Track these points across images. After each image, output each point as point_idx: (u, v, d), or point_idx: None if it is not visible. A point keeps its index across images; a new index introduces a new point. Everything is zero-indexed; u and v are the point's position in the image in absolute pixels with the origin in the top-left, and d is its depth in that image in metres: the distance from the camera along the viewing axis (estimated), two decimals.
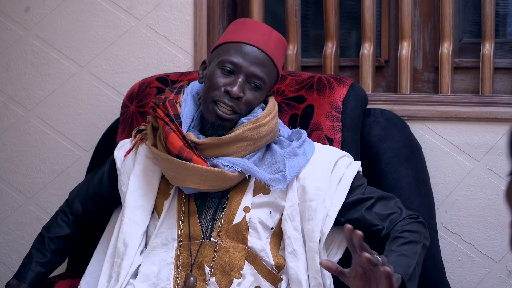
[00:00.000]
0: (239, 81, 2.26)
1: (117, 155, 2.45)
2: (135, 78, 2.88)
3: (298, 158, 2.29)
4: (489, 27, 2.69)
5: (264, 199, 2.29)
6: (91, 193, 2.51)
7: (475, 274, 2.67)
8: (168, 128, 2.28)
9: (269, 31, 2.33)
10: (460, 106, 2.67)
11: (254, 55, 2.28)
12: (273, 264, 2.28)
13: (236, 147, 2.27)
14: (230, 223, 2.27)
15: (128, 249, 2.33)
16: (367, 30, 2.77)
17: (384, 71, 2.86)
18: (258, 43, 2.29)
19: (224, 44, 2.32)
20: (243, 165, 2.26)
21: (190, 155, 2.25)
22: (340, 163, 2.33)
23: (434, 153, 2.68)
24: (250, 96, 2.28)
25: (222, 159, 2.27)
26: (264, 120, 2.28)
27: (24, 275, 2.46)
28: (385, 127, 2.57)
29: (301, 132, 2.34)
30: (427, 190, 2.59)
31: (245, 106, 2.28)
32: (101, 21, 2.92)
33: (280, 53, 2.34)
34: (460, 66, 2.79)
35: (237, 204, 2.28)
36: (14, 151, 3.00)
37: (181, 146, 2.25)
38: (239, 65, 2.27)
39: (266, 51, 2.29)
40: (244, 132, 2.27)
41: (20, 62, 2.98)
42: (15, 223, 3.01)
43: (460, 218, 2.67)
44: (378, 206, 2.31)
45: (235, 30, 2.33)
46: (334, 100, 2.51)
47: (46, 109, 2.97)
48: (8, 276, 2.99)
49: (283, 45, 2.36)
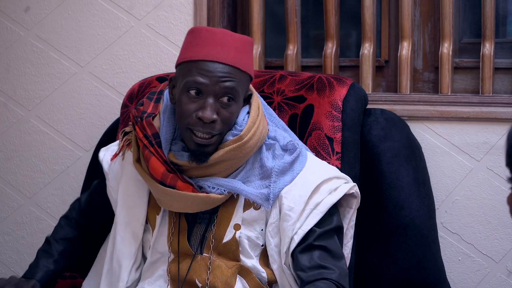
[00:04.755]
0: (209, 103, 2.13)
1: (103, 157, 2.38)
2: (135, 78, 2.88)
3: (286, 176, 2.22)
4: (489, 27, 2.69)
5: (254, 214, 2.23)
6: (87, 200, 2.47)
7: (475, 274, 2.67)
8: (148, 152, 2.18)
9: (227, 37, 2.18)
10: (460, 106, 2.67)
11: (218, 71, 2.13)
12: (267, 280, 2.24)
13: (221, 167, 2.20)
14: (220, 241, 2.22)
15: (122, 270, 2.29)
16: (367, 30, 2.77)
17: (384, 71, 2.87)
18: (218, 56, 2.14)
19: (184, 63, 2.18)
20: (230, 186, 2.19)
21: (173, 181, 2.17)
22: (324, 188, 2.23)
23: (434, 153, 2.68)
24: (225, 114, 2.15)
25: (208, 181, 2.19)
26: (247, 136, 2.18)
27: (32, 274, 2.39)
28: (385, 127, 2.57)
29: (296, 147, 2.26)
30: (427, 190, 2.59)
31: (223, 124, 2.16)
32: (101, 21, 2.92)
33: (244, 55, 2.19)
34: (460, 66, 2.79)
35: (227, 222, 2.22)
36: (14, 151, 3.00)
37: (163, 172, 2.17)
38: (204, 86, 2.13)
39: (228, 63, 2.14)
40: (227, 153, 2.17)
41: (20, 62, 2.98)
42: (15, 223, 3.01)
43: (460, 218, 2.67)
44: (318, 254, 2.19)
45: (192, 45, 2.18)
46: (334, 100, 2.51)
47: (46, 109, 2.97)
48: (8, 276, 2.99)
49: (246, 44, 2.21)
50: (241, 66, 2.16)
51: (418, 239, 2.52)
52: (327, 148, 2.47)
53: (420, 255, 2.52)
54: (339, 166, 2.45)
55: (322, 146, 2.47)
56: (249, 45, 2.22)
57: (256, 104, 2.25)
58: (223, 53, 2.15)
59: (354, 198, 2.29)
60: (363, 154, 2.54)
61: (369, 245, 2.55)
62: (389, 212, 2.53)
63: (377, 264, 2.54)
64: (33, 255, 2.96)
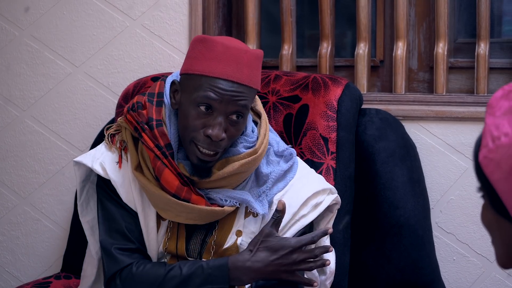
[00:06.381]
0: (219, 122, 2.09)
1: (100, 169, 2.23)
2: (130, 78, 2.88)
3: (279, 183, 2.24)
4: (484, 27, 2.69)
5: (253, 220, 2.23)
6: (123, 231, 2.24)
7: (470, 274, 2.67)
8: (161, 164, 2.13)
9: (241, 54, 2.12)
10: (455, 106, 2.67)
11: (231, 90, 2.09)
12: None
13: (233, 179, 2.18)
14: (221, 247, 2.21)
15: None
16: (362, 30, 2.77)
17: (379, 71, 2.87)
18: (233, 75, 2.09)
19: (195, 75, 2.12)
20: (242, 198, 2.18)
21: (188, 195, 2.13)
22: (311, 202, 2.25)
23: (429, 153, 2.68)
24: (233, 131, 2.12)
25: (220, 194, 2.17)
26: (261, 149, 2.19)
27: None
28: (380, 127, 2.57)
29: (292, 155, 2.27)
30: (422, 189, 2.59)
31: (229, 141, 2.13)
32: (96, 21, 2.92)
33: (256, 72, 2.15)
34: (455, 66, 2.79)
35: (229, 228, 2.22)
36: (8, 151, 2.99)
37: (178, 185, 2.13)
38: (215, 103, 2.09)
39: (242, 82, 2.10)
40: (242, 166, 2.15)
41: (15, 62, 2.98)
42: (9, 223, 3.00)
43: (455, 217, 2.67)
44: None
45: (205, 58, 2.11)
46: (329, 99, 2.51)
47: (41, 109, 2.96)
48: (3, 277, 2.99)
49: (258, 60, 2.16)
50: (253, 84, 2.13)
51: (413, 239, 2.52)
52: (322, 148, 2.47)
53: (415, 255, 2.52)
54: (334, 166, 2.46)
55: (317, 146, 2.47)
56: (261, 60, 2.18)
57: (264, 115, 2.25)
58: (238, 72, 2.10)
59: (335, 204, 2.31)
60: (358, 154, 2.54)
61: (364, 244, 2.55)
62: (384, 212, 2.53)
63: (372, 263, 2.54)
64: (27, 255, 2.97)
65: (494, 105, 1.25)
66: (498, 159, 1.21)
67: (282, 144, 2.30)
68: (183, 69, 2.17)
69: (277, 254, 2.11)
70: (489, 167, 1.22)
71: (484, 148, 1.23)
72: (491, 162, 1.22)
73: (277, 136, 2.33)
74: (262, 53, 2.19)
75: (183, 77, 2.16)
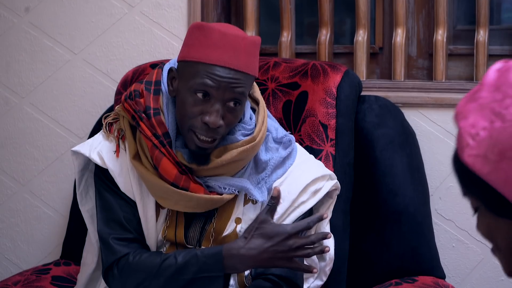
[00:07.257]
0: (216, 109, 2.09)
1: (97, 158, 2.23)
2: (129, 65, 2.87)
3: (279, 170, 2.24)
4: (483, 14, 2.69)
5: (252, 207, 2.23)
6: (121, 221, 2.23)
7: (469, 260, 2.68)
8: (159, 153, 2.12)
9: (239, 40, 2.10)
10: (454, 93, 2.67)
11: (228, 77, 2.08)
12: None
13: (231, 167, 2.18)
14: (220, 234, 2.21)
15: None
16: (361, 17, 2.77)
17: (378, 58, 2.86)
18: (230, 62, 2.08)
19: (192, 62, 2.11)
20: (241, 186, 2.18)
21: (187, 183, 2.13)
22: (310, 188, 2.25)
23: (428, 139, 2.68)
24: (230, 118, 2.12)
25: (218, 181, 2.17)
26: (259, 136, 2.18)
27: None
28: (379, 114, 2.57)
29: (291, 141, 2.27)
30: (421, 176, 2.60)
31: (226, 128, 2.13)
32: (94, 8, 2.91)
33: (254, 58, 2.14)
34: (454, 53, 2.79)
35: (228, 215, 2.21)
36: (7, 138, 2.99)
37: (176, 174, 2.12)
38: (212, 90, 2.08)
39: (239, 69, 2.09)
40: (240, 154, 2.15)
41: (14, 49, 2.97)
42: (9, 210, 3.00)
43: (454, 204, 2.68)
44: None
45: (202, 45, 2.10)
46: (328, 86, 2.51)
47: (40, 96, 2.96)
48: (3, 264, 2.99)
49: (256, 47, 2.15)
50: (250, 71, 2.12)
51: (412, 225, 2.52)
52: (321, 134, 2.47)
53: (414, 242, 2.52)
54: (333, 152, 2.46)
55: (316, 133, 2.47)
56: (258, 46, 2.17)
57: (262, 102, 2.25)
58: (235, 58, 2.09)
59: (335, 190, 2.31)
60: (357, 141, 2.54)
61: (363, 232, 2.55)
62: (383, 199, 2.53)
63: (371, 251, 2.55)
64: (27, 242, 2.97)
65: (462, 110, 1.25)
66: (483, 152, 1.20)
67: (281, 131, 2.29)
68: (180, 56, 2.16)
69: (272, 241, 2.08)
70: (477, 164, 1.22)
71: (466, 148, 1.23)
72: (477, 158, 1.21)
73: (276, 122, 2.32)
74: (260, 39, 2.18)
75: (180, 64, 2.16)
